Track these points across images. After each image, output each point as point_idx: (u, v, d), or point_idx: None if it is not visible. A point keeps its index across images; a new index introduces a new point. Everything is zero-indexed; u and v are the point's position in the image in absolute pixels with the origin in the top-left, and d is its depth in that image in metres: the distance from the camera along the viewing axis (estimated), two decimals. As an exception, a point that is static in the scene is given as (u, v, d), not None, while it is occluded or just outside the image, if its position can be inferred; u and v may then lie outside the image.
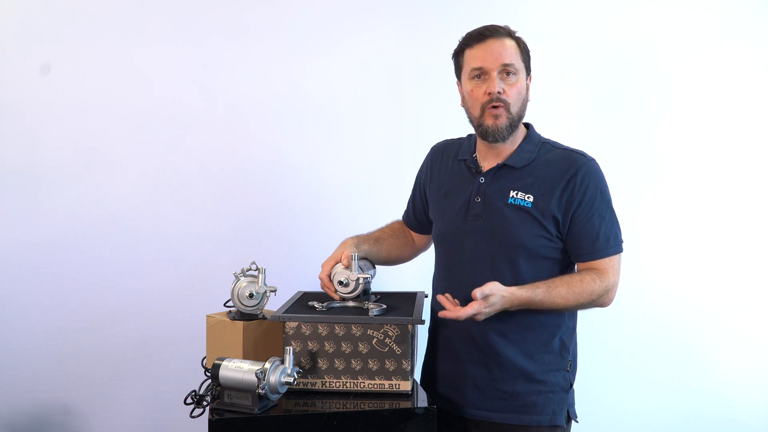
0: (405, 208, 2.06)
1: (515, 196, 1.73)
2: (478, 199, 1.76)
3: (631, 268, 2.58)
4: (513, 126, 1.73)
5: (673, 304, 2.69)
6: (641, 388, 2.70)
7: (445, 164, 1.89)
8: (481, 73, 1.71)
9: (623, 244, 1.77)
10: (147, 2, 2.48)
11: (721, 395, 2.72)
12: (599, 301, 1.72)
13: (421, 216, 1.99)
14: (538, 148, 1.78)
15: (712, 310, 2.70)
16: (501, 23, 1.77)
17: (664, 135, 2.67)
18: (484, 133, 1.73)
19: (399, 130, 2.58)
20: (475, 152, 1.83)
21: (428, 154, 1.97)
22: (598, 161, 1.77)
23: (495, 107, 1.69)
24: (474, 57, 1.72)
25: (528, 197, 1.72)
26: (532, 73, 1.78)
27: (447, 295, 1.69)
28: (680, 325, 2.69)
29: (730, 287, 2.70)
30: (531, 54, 1.78)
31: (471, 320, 1.64)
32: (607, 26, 2.64)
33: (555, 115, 2.59)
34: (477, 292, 1.58)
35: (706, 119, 2.67)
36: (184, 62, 2.51)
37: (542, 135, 1.83)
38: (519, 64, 1.71)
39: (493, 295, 1.60)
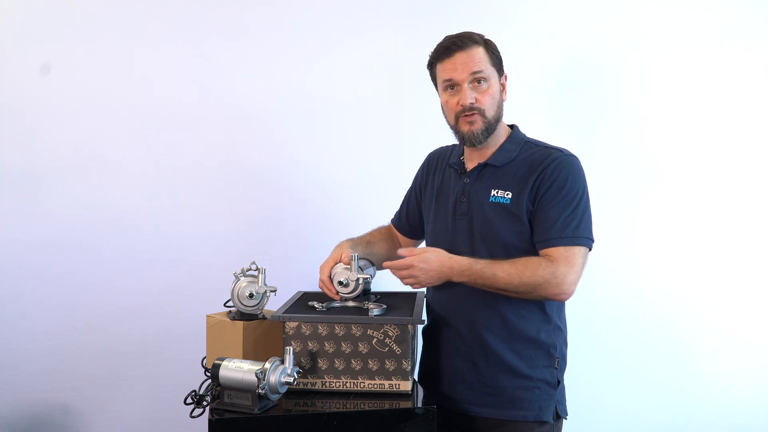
0: (396, 211, 2.10)
1: (495, 194, 1.78)
2: (463, 198, 1.81)
3: (631, 268, 2.61)
4: (490, 129, 1.78)
5: (673, 304, 2.69)
6: (641, 388, 2.70)
7: (440, 169, 1.95)
8: (453, 85, 1.76)
9: (592, 242, 1.75)
10: (147, 2, 2.47)
11: (721, 395, 2.72)
12: (546, 287, 1.68)
13: (414, 220, 2.04)
14: (519, 147, 1.82)
15: (712, 310, 2.70)
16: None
17: (664, 135, 2.67)
18: (461, 139, 1.81)
19: (399, 130, 2.59)
20: (462, 155, 1.89)
21: (424, 160, 2.03)
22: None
23: (468, 115, 1.75)
24: (444, 70, 1.77)
25: (507, 194, 1.76)
26: (506, 72, 1.83)
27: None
28: (680, 325, 2.69)
29: (729, 287, 2.70)
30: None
31: (459, 317, 1.77)
32: (607, 26, 2.63)
33: (554, 115, 2.59)
34: (402, 250, 1.74)
35: (707, 120, 2.67)
36: (184, 62, 2.51)
37: (527, 135, 1.87)
38: (489, 70, 1.76)
39: (427, 252, 1.71)
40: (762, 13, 2.68)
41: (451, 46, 1.75)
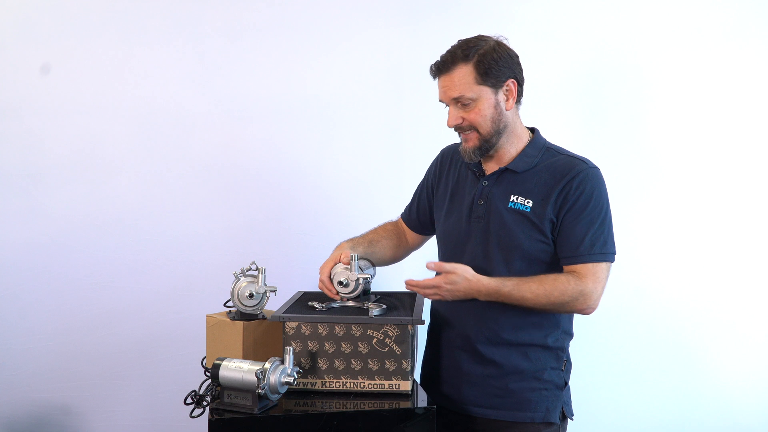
0: (406, 205, 2.08)
1: (515, 200, 1.75)
2: (481, 201, 1.79)
3: (631, 269, 2.61)
4: (486, 146, 1.76)
5: (672, 304, 2.69)
6: (641, 388, 2.70)
7: (454, 166, 1.92)
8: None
9: (615, 255, 1.75)
10: (146, 2, 2.47)
11: (721, 395, 2.72)
12: (574, 304, 1.70)
13: (424, 216, 2.01)
14: (541, 153, 1.79)
15: (712, 310, 2.70)
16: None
17: (664, 135, 2.67)
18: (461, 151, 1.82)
19: (399, 130, 2.59)
20: None
21: (437, 155, 2.00)
22: (598, 164, 1.77)
23: (462, 132, 1.76)
24: (438, 89, 1.77)
25: (527, 202, 1.74)
26: (514, 77, 1.74)
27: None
28: (680, 325, 2.69)
29: (729, 287, 2.70)
30: (525, 54, 1.79)
31: (467, 320, 1.76)
32: (607, 27, 2.63)
33: (554, 115, 2.59)
34: (431, 264, 1.68)
35: (706, 120, 2.67)
36: (184, 62, 2.51)
37: (548, 140, 1.84)
38: (472, 91, 1.70)
39: (456, 273, 1.65)
40: (762, 13, 2.68)
41: (434, 67, 1.74)
